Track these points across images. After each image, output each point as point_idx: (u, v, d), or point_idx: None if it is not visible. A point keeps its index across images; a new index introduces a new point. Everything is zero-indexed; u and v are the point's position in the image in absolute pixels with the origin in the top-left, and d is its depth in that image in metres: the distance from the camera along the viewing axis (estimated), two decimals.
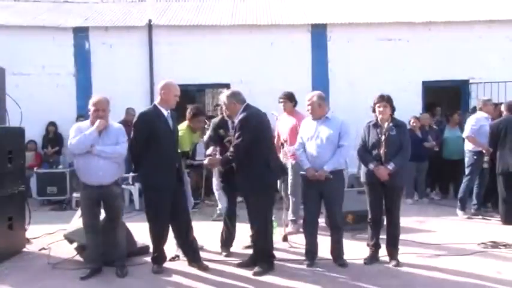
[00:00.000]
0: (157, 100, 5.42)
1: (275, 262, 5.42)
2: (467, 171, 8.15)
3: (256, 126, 5.25)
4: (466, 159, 8.17)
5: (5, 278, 5.18)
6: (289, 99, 7.19)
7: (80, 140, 5.11)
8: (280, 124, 7.18)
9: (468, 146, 8.14)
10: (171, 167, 5.28)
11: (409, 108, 9.81)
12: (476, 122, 8.02)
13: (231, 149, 5.26)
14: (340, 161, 5.51)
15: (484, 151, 7.91)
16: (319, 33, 11.54)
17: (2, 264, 5.55)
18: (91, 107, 5.26)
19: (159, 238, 5.39)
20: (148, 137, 5.22)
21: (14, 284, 5.03)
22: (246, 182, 5.25)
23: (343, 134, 5.43)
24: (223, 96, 5.46)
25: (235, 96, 5.39)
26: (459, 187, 8.32)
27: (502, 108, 8.09)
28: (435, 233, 7.00)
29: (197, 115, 6.04)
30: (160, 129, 5.24)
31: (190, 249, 5.48)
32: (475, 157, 8.00)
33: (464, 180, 8.16)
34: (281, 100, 7.22)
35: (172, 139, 5.34)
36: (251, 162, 5.20)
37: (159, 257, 5.42)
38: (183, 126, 5.97)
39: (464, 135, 8.20)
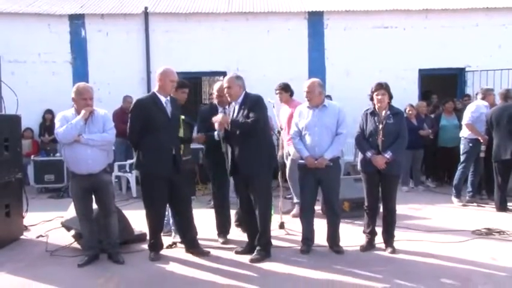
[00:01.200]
0: (155, 87, 5.40)
1: (272, 248, 5.43)
2: (462, 158, 8.17)
3: (266, 108, 5.33)
4: (462, 147, 8.18)
5: (3, 265, 5.18)
6: (284, 89, 7.27)
7: (66, 130, 5.06)
8: (280, 113, 7.22)
9: (464, 133, 8.14)
10: (167, 154, 5.24)
11: (406, 96, 9.84)
12: (476, 110, 8.02)
13: (249, 119, 5.12)
14: (338, 148, 5.54)
15: (481, 139, 7.93)
16: (316, 20, 11.51)
17: None
18: (76, 96, 5.19)
19: (155, 225, 5.39)
20: (144, 123, 5.21)
21: (12, 270, 5.03)
22: (254, 163, 5.16)
23: (341, 122, 5.43)
24: (229, 78, 5.36)
25: (242, 80, 5.37)
26: (454, 174, 8.34)
27: (497, 96, 8.08)
28: (430, 220, 7.02)
29: (181, 87, 5.93)
30: (156, 116, 5.21)
31: (190, 236, 5.49)
32: (470, 144, 8.01)
33: (460, 167, 8.18)
34: (277, 92, 7.30)
35: (169, 126, 5.29)
36: (259, 145, 5.19)
37: (155, 244, 5.42)
38: None
39: (463, 122, 8.19)
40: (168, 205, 5.56)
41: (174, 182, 5.30)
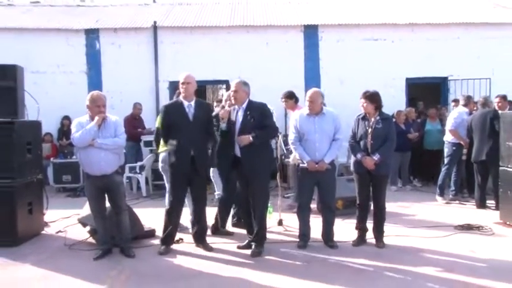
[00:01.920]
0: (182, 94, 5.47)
1: (272, 244, 5.45)
2: (446, 160, 8.19)
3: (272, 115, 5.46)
4: (446, 150, 8.19)
5: (26, 257, 5.19)
6: (289, 97, 7.31)
7: (82, 135, 5.09)
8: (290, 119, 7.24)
9: (447, 138, 8.16)
10: (186, 155, 5.23)
11: (394, 102, 9.90)
12: (459, 116, 8.04)
13: (268, 129, 5.24)
14: (336, 153, 5.54)
15: (463, 144, 7.95)
16: (311, 33, 11.53)
17: (23, 245, 5.56)
18: (90, 104, 5.20)
19: (171, 219, 5.38)
20: (168, 125, 5.33)
21: (35, 263, 5.06)
22: (255, 165, 5.18)
23: (338, 128, 5.44)
24: (237, 83, 5.32)
25: (248, 87, 5.37)
26: (438, 175, 8.35)
27: (478, 104, 8.10)
28: (417, 216, 7.04)
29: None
30: (177, 119, 5.27)
31: (198, 230, 5.48)
32: (453, 148, 8.03)
33: (444, 169, 8.19)
34: (282, 100, 7.35)
35: (190, 129, 5.25)
36: (261, 149, 5.22)
37: (167, 238, 5.41)
38: None
39: (447, 128, 8.19)
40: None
41: (192, 180, 5.32)
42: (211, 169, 6.95)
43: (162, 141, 5.79)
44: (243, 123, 5.21)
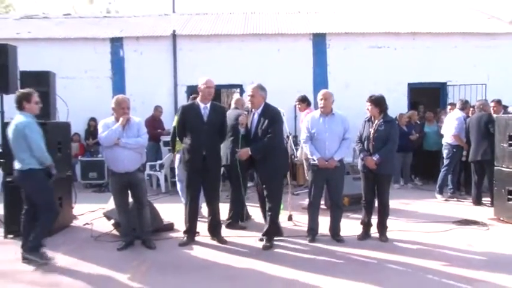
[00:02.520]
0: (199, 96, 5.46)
1: (282, 238, 5.46)
2: (446, 162, 8.11)
3: (282, 122, 5.40)
4: (445, 151, 8.11)
5: (58, 247, 5.25)
6: (302, 101, 7.40)
7: (107, 135, 5.14)
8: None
9: (447, 140, 8.08)
10: (198, 154, 5.24)
11: (397, 106, 9.78)
12: (460, 121, 7.97)
13: (265, 139, 5.08)
14: (345, 151, 5.51)
15: (463, 146, 7.90)
16: (319, 41, 11.46)
17: (55, 236, 5.58)
18: (116, 106, 5.24)
19: (189, 212, 5.41)
20: (184, 125, 5.35)
21: (65, 252, 5.13)
22: (269, 170, 5.16)
23: (347, 128, 5.42)
24: (253, 88, 5.23)
25: (265, 92, 5.32)
26: (437, 174, 8.29)
27: (476, 107, 8.03)
28: (417, 212, 7.00)
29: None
30: (192, 120, 5.28)
31: (215, 225, 5.49)
32: (454, 150, 7.98)
33: (443, 169, 8.12)
34: (296, 103, 7.45)
35: (204, 129, 5.24)
36: (275, 155, 5.16)
37: (188, 231, 5.44)
38: None
39: (449, 133, 8.07)
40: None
41: (204, 177, 5.32)
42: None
43: (178, 141, 5.82)
44: (256, 128, 5.20)
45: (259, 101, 5.23)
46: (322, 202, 5.79)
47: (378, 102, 5.41)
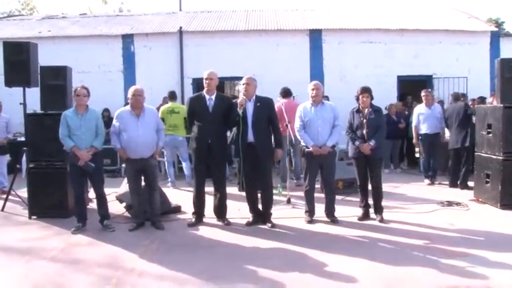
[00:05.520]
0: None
1: (281, 219, 5.45)
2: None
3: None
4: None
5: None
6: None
7: (113, 140, 5.30)
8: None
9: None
10: (204, 143, 5.21)
11: (387, 97, 9.80)
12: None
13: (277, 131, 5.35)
14: (337, 137, 5.47)
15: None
16: (315, 36, 11.43)
17: (72, 217, 5.46)
18: (130, 95, 5.25)
19: (196, 196, 5.39)
20: (191, 115, 5.34)
21: (82, 232, 5.14)
22: (266, 148, 5.20)
23: (337, 116, 5.40)
24: (248, 77, 5.27)
25: (256, 82, 5.33)
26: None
27: (451, 98, 8.03)
28: (405, 195, 6.98)
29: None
30: (199, 110, 5.25)
31: (220, 207, 5.45)
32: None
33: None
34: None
35: (209, 119, 5.21)
36: (269, 136, 5.28)
37: (196, 213, 5.43)
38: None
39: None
40: None
41: (210, 164, 5.29)
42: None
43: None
44: (255, 114, 5.16)
45: (252, 90, 5.25)
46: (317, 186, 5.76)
47: (371, 93, 5.39)
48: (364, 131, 5.35)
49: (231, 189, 6.15)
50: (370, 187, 5.55)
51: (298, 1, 17.59)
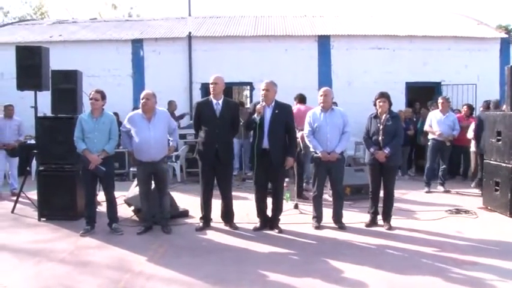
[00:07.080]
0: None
1: (289, 224, 5.45)
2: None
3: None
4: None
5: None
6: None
7: (123, 139, 5.37)
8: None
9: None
10: (211, 148, 5.21)
11: (395, 103, 9.54)
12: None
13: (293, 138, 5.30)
14: (345, 144, 5.45)
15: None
16: (324, 42, 11.41)
17: (81, 220, 5.52)
18: (141, 98, 5.32)
19: (203, 201, 5.39)
20: (198, 119, 5.35)
21: (91, 234, 5.18)
22: (281, 156, 5.14)
23: (346, 122, 5.37)
24: (269, 82, 5.18)
25: (277, 87, 5.26)
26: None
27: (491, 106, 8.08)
28: (413, 202, 6.94)
29: None
30: (205, 115, 5.27)
31: (227, 212, 5.46)
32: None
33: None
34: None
35: (216, 123, 5.21)
36: (284, 144, 5.22)
37: (204, 217, 5.43)
38: None
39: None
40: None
41: (216, 168, 5.29)
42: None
43: None
44: (272, 121, 5.12)
45: (273, 96, 5.20)
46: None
47: (389, 98, 5.37)
48: (380, 138, 5.31)
49: (238, 194, 6.15)
50: (381, 194, 5.51)
51: (307, 7, 17.62)
